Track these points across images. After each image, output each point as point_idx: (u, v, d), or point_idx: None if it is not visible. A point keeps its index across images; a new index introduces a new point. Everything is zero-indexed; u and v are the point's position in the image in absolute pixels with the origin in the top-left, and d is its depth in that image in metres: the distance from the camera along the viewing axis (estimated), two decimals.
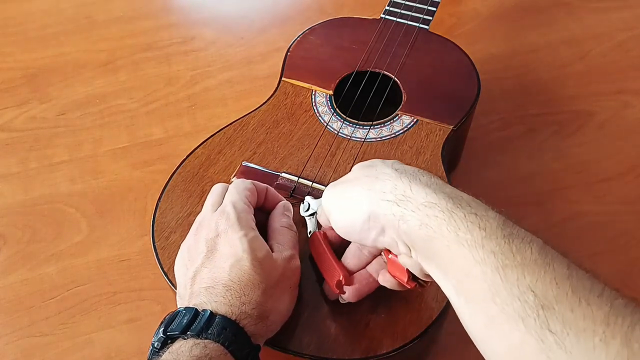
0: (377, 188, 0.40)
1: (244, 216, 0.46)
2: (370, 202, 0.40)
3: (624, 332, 0.28)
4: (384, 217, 0.39)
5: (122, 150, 0.73)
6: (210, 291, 0.42)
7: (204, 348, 0.39)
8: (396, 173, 0.40)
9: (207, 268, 0.44)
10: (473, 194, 0.67)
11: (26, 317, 0.59)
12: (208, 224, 0.47)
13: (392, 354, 0.46)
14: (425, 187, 0.38)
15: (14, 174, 0.70)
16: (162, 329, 0.41)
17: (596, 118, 0.76)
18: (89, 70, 0.81)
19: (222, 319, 0.40)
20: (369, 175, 0.42)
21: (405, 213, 0.37)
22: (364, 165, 0.44)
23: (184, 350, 0.38)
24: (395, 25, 0.70)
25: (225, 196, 0.48)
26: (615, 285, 0.63)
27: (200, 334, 0.39)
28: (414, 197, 0.38)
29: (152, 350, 0.41)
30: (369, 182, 0.41)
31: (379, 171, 0.41)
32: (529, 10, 0.90)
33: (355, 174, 0.44)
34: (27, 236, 0.65)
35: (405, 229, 0.38)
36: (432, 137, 0.59)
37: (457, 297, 0.35)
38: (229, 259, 0.44)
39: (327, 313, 0.48)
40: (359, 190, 0.41)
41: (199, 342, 0.39)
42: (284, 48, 0.69)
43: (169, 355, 0.38)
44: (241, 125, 0.61)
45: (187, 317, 0.40)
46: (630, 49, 0.84)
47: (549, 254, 0.33)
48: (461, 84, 0.64)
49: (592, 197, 0.68)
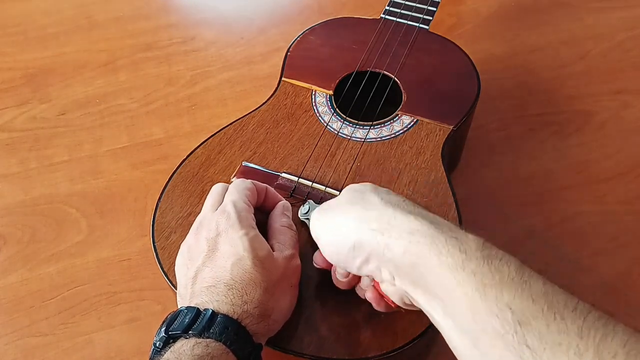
0: (363, 217, 0.41)
1: (245, 215, 0.46)
2: (356, 231, 0.40)
3: (596, 344, 0.30)
4: (368, 246, 0.40)
5: (122, 150, 0.73)
6: (212, 290, 0.43)
7: (206, 347, 0.39)
8: (382, 202, 0.41)
9: (208, 267, 0.44)
10: (473, 194, 0.67)
11: (26, 317, 0.59)
12: (208, 224, 0.47)
13: (393, 354, 0.46)
14: (408, 215, 0.39)
15: (14, 174, 0.70)
16: (163, 329, 0.41)
17: (596, 118, 0.76)
18: (89, 70, 0.81)
19: (223, 318, 0.40)
20: (357, 202, 0.42)
21: (389, 242, 0.38)
22: (355, 189, 0.44)
23: (186, 349, 0.39)
24: (395, 25, 0.70)
25: (226, 196, 0.48)
26: (616, 285, 0.63)
27: (202, 333, 0.39)
28: (397, 224, 0.39)
29: (154, 349, 0.41)
30: (355, 210, 0.42)
31: (366, 199, 0.42)
32: (529, 10, 0.90)
33: (344, 198, 0.44)
34: (27, 236, 0.65)
35: (390, 256, 0.38)
36: (432, 137, 0.59)
37: (445, 320, 0.36)
38: (230, 257, 0.44)
39: (328, 313, 0.48)
40: (346, 218, 0.42)
41: (200, 342, 0.39)
42: (284, 48, 0.69)
43: (171, 355, 0.39)
44: (241, 125, 0.61)
45: (189, 317, 0.40)
46: (630, 49, 0.84)
47: (525, 272, 0.34)
48: (461, 84, 0.64)
49: (592, 197, 0.68)
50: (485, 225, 0.65)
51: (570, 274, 0.62)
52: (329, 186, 0.55)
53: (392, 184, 0.56)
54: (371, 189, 0.43)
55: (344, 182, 0.56)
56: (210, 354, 0.38)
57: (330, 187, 0.55)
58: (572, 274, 0.62)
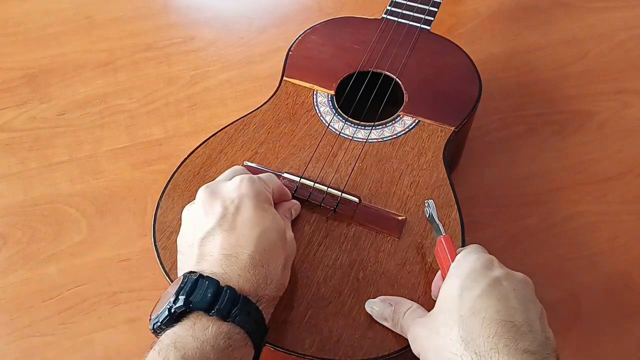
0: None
1: (269, 195, 0.47)
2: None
3: None
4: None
5: (122, 150, 0.73)
6: (233, 262, 0.40)
7: (228, 339, 0.37)
8: (460, 341, 0.39)
9: (226, 232, 0.42)
10: (473, 194, 0.67)
11: (26, 317, 0.59)
12: (228, 189, 0.45)
13: (394, 355, 0.46)
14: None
15: (14, 174, 0.70)
16: (183, 297, 0.38)
17: (596, 118, 0.76)
18: (89, 70, 0.81)
19: (245, 302, 0.39)
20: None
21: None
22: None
23: (209, 337, 0.37)
24: (396, 25, 0.70)
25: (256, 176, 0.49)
26: (616, 285, 0.63)
27: (226, 317, 0.38)
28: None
29: (168, 317, 0.38)
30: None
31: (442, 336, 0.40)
32: (529, 10, 0.90)
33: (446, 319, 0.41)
34: (27, 236, 0.65)
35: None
36: (433, 138, 0.59)
37: None
38: (255, 227, 0.42)
39: (330, 314, 0.48)
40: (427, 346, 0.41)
41: (221, 332, 0.37)
42: (284, 48, 0.69)
43: (193, 342, 0.36)
44: (242, 124, 0.61)
45: (210, 291, 0.38)
46: (630, 49, 0.84)
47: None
48: (463, 86, 0.64)
49: (592, 197, 0.68)
50: (485, 225, 0.66)
51: (570, 273, 0.62)
52: (331, 187, 0.55)
53: (393, 185, 0.56)
54: (451, 321, 0.40)
55: (346, 183, 0.56)
56: (231, 347, 0.37)
57: (332, 188, 0.55)
58: (572, 273, 0.62)
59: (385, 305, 0.47)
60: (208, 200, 0.45)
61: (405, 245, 0.52)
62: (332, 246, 0.52)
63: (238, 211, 0.43)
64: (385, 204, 0.55)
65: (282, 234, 0.44)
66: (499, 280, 0.41)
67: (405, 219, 0.54)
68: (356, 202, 0.54)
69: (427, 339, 0.41)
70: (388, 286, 0.49)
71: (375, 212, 0.54)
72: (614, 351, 0.58)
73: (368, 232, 0.53)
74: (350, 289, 0.49)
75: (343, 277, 0.50)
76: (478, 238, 0.54)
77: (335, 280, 0.50)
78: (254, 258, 0.41)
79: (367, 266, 0.51)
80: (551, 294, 0.60)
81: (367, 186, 0.56)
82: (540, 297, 0.42)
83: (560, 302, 0.60)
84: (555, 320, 0.42)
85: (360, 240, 0.52)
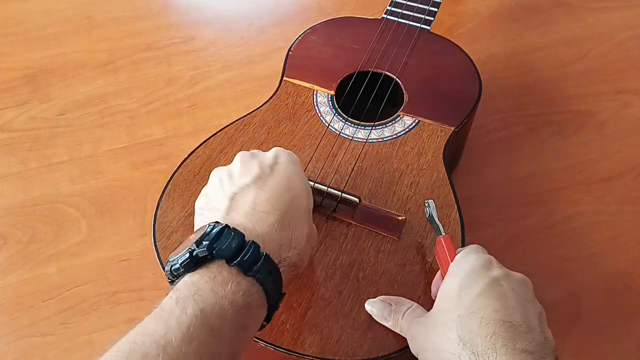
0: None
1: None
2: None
3: None
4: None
5: (122, 150, 0.73)
6: (263, 217, 0.41)
7: (247, 297, 0.37)
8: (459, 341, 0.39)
9: (260, 190, 0.42)
10: (473, 194, 0.67)
11: (26, 317, 0.59)
12: (266, 154, 0.46)
13: (394, 355, 0.46)
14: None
15: (14, 174, 0.70)
16: (207, 242, 0.38)
17: (596, 118, 0.76)
18: (89, 70, 0.81)
19: (267, 259, 0.38)
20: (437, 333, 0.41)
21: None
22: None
23: (228, 292, 0.36)
24: (396, 25, 0.70)
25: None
26: (616, 285, 0.63)
27: (247, 271, 0.37)
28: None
29: (188, 260, 0.38)
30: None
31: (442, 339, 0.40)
32: (529, 10, 0.90)
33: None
34: (27, 236, 0.65)
35: None
36: (433, 138, 0.60)
37: None
38: (289, 190, 0.43)
39: (330, 314, 0.48)
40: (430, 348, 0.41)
41: (240, 289, 0.37)
42: (284, 48, 0.69)
43: (212, 296, 0.36)
44: (243, 124, 0.61)
45: (236, 242, 0.38)
46: (630, 49, 0.84)
47: None
48: (463, 86, 0.64)
49: (592, 197, 0.68)
50: (485, 225, 0.66)
51: (570, 273, 0.62)
52: (331, 187, 0.55)
53: (393, 185, 0.56)
54: (450, 321, 0.41)
55: (346, 183, 0.56)
56: (249, 304, 0.37)
57: (331, 188, 0.55)
58: (572, 273, 0.62)
59: (385, 305, 0.47)
60: (247, 160, 0.46)
61: (405, 245, 0.52)
62: (332, 246, 0.52)
63: (274, 173, 0.44)
64: (385, 204, 0.55)
65: (310, 206, 0.44)
66: (497, 280, 0.41)
67: (405, 219, 0.54)
68: (356, 202, 0.54)
69: (425, 338, 0.41)
70: (388, 286, 0.49)
71: (375, 212, 0.54)
72: (614, 351, 0.58)
73: (368, 232, 0.53)
74: (350, 289, 0.49)
75: (343, 277, 0.50)
76: (478, 238, 0.54)
77: (335, 280, 0.50)
78: (283, 218, 0.41)
79: (367, 266, 0.51)
80: (551, 294, 0.60)
81: (367, 186, 0.56)
82: (540, 297, 0.42)
83: (560, 302, 0.60)
84: (555, 321, 0.42)
85: (360, 240, 0.52)
